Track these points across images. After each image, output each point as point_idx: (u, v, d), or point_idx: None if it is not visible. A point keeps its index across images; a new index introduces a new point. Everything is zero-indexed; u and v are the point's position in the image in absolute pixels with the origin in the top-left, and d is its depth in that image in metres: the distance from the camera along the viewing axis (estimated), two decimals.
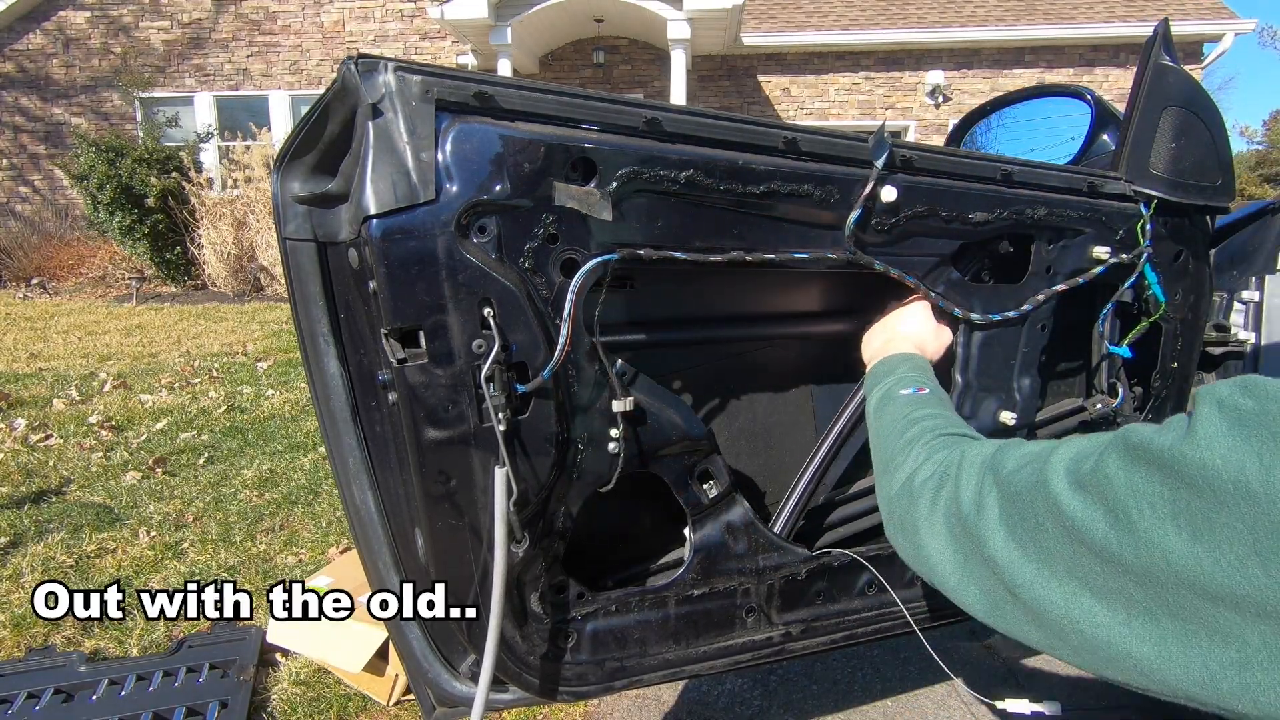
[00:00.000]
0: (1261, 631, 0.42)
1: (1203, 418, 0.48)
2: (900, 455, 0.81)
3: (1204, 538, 0.45)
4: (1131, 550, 0.49)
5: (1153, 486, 0.49)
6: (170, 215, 8.83)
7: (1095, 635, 0.52)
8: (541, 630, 1.07)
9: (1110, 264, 1.19)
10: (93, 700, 1.78)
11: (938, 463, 0.75)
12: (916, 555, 0.73)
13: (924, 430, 0.82)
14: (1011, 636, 0.61)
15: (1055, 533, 0.56)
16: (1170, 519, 0.47)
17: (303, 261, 1.04)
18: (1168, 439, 0.49)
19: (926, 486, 0.74)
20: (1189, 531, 0.46)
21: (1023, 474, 0.62)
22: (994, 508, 0.63)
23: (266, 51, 11.53)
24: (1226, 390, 0.48)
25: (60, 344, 6.11)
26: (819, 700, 1.90)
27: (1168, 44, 1.19)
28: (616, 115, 0.92)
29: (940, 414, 0.88)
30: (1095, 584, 0.52)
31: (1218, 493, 0.44)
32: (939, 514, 0.70)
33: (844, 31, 10.90)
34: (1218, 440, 0.46)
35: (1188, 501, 0.46)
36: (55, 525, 2.73)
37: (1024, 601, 0.58)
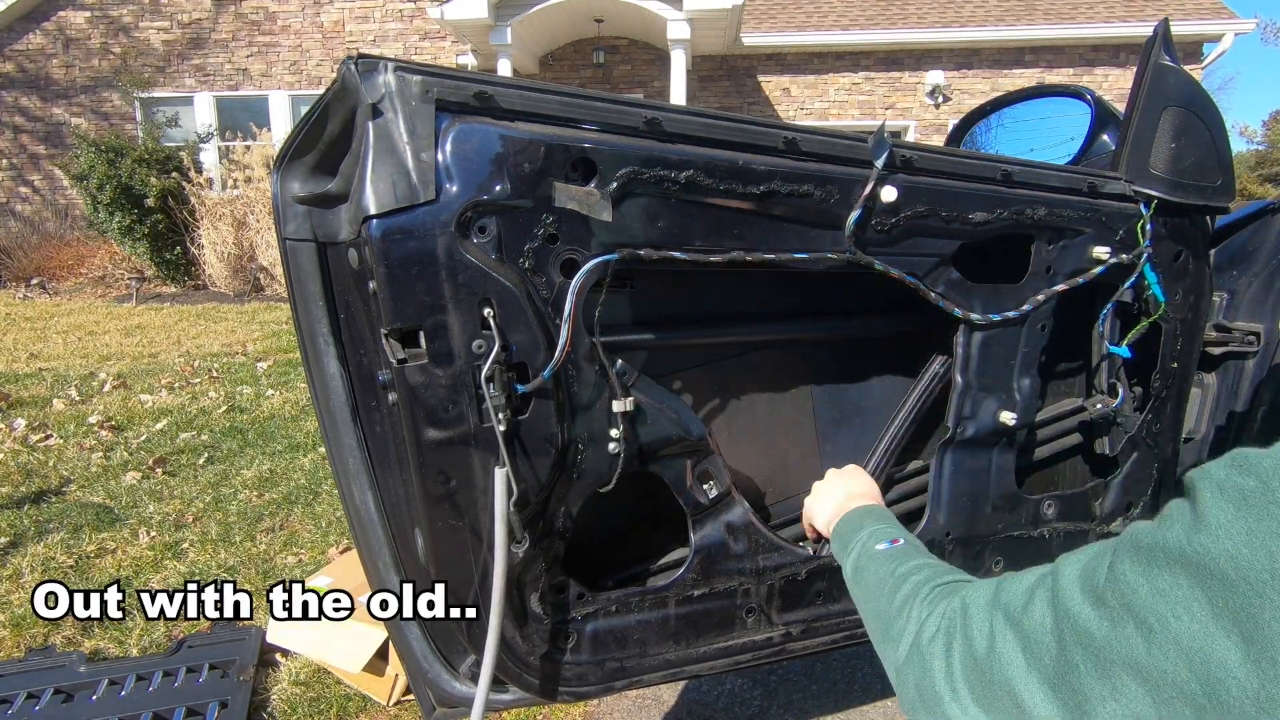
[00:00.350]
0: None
1: (1208, 505, 0.45)
2: (899, 618, 0.75)
3: (1255, 637, 0.41)
4: (1176, 663, 0.44)
5: (1181, 589, 0.45)
6: (170, 215, 8.83)
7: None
8: (541, 630, 1.06)
9: (1110, 264, 1.19)
10: (93, 700, 1.78)
11: (941, 614, 0.69)
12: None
13: (917, 585, 0.76)
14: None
15: (1088, 667, 0.50)
16: (1214, 621, 0.43)
17: (303, 261, 1.04)
18: (1178, 534, 0.46)
19: (936, 643, 0.67)
20: (1238, 633, 0.42)
21: (1036, 608, 0.56)
22: (1015, 653, 0.57)
23: (266, 51, 11.53)
24: (1222, 472, 0.46)
25: (60, 344, 6.11)
26: (819, 700, 1.90)
27: (1168, 44, 1.19)
28: (616, 115, 0.92)
29: (925, 563, 0.83)
30: (1145, 712, 0.47)
31: (1253, 584, 0.41)
32: (957, 672, 0.62)
33: (844, 31, 10.90)
34: (1234, 526, 0.43)
35: (1225, 599, 0.42)
36: (55, 525, 2.73)
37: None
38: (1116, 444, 1.33)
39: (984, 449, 1.24)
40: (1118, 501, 1.35)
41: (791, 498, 1.32)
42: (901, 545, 0.90)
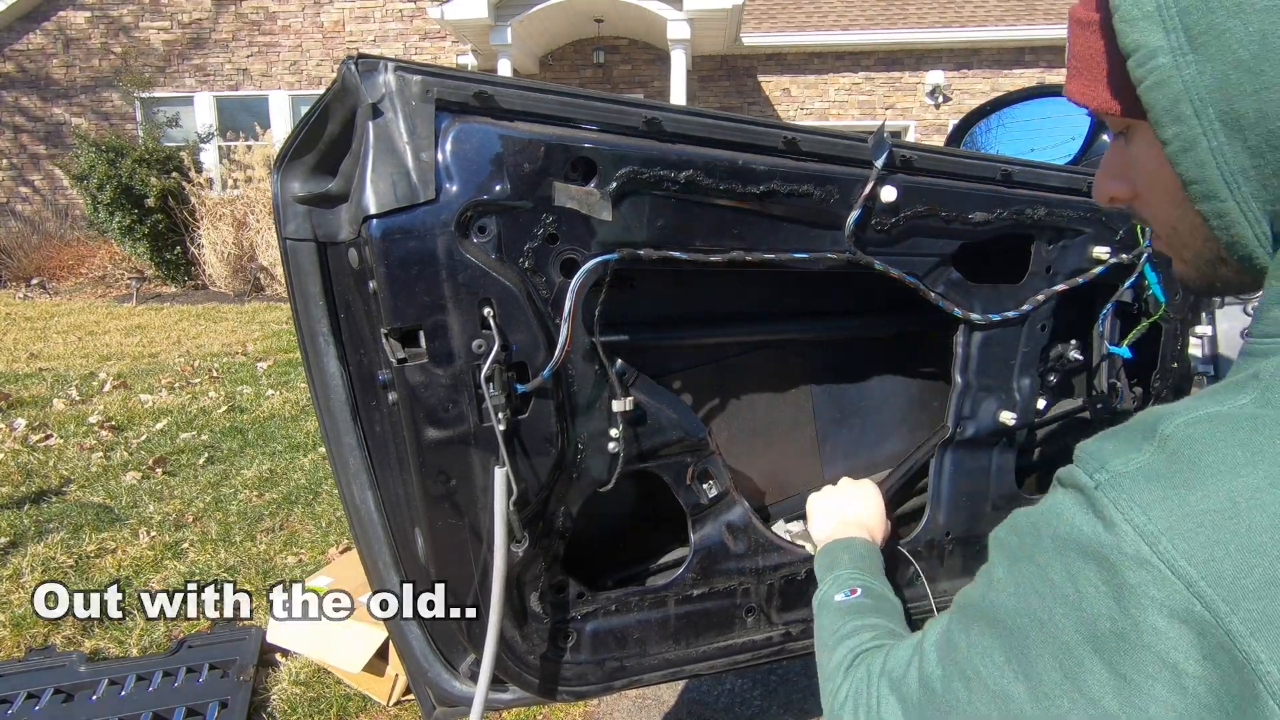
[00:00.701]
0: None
1: (993, 562, 0.51)
2: (830, 680, 0.79)
3: (1030, 674, 0.46)
4: (989, 707, 0.49)
5: (985, 640, 0.50)
6: (170, 215, 8.84)
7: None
8: (541, 630, 1.07)
9: (1110, 264, 1.19)
10: (93, 700, 1.78)
11: (852, 682, 0.74)
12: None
13: (849, 651, 0.81)
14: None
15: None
16: (1007, 665, 0.48)
17: (303, 261, 1.04)
18: (981, 591, 0.52)
19: (844, 711, 0.72)
20: (1021, 673, 0.47)
21: (910, 671, 0.60)
22: (898, 716, 0.61)
23: (266, 51, 11.54)
24: (1002, 531, 0.53)
25: (60, 344, 6.11)
26: (818, 699, 1.90)
27: None
28: (616, 115, 0.92)
29: (865, 625, 0.86)
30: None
31: (1022, 629, 0.47)
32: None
33: (844, 31, 10.90)
34: (1006, 581, 0.49)
35: (1010, 644, 0.48)
36: (55, 525, 2.74)
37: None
38: None
39: (984, 449, 1.24)
40: None
41: (791, 497, 1.32)
42: (857, 599, 0.92)
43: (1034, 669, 0.46)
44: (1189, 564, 0.39)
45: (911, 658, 0.62)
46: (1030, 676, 0.46)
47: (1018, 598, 0.48)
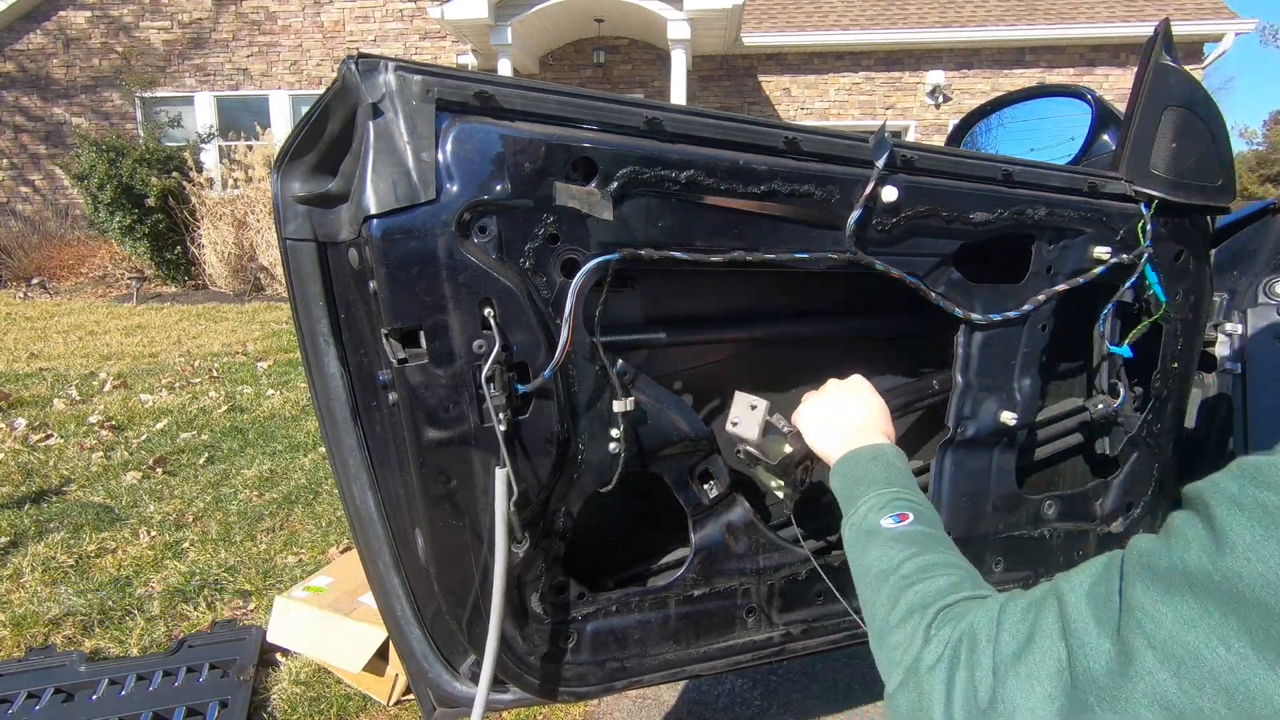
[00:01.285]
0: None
1: (1228, 523, 0.41)
2: (898, 631, 0.66)
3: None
4: (1214, 701, 0.41)
5: (1212, 618, 0.41)
6: (170, 215, 8.84)
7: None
8: (542, 630, 1.06)
9: (1111, 264, 1.19)
10: (93, 700, 1.78)
11: (944, 642, 0.61)
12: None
13: (922, 599, 0.66)
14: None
15: (1105, 709, 0.45)
16: (1255, 653, 0.39)
17: (303, 261, 1.04)
18: (1198, 556, 0.43)
19: (936, 675, 0.59)
20: (1274, 666, 0.39)
21: (1042, 644, 0.51)
22: (1022, 697, 0.51)
23: (267, 51, 11.53)
24: (1235, 486, 0.43)
25: (60, 344, 6.11)
26: (819, 700, 1.90)
27: (1168, 44, 1.19)
28: (617, 115, 0.92)
29: (935, 563, 0.71)
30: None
31: (1269, 610, 0.39)
32: (958, 713, 0.55)
33: (844, 31, 10.90)
34: (1263, 547, 0.40)
35: (1267, 629, 0.39)
36: (55, 525, 2.74)
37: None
38: (1117, 444, 1.33)
39: (984, 449, 1.24)
40: (1118, 502, 1.35)
41: None
42: (910, 526, 0.76)
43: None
44: None
45: (1039, 624, 0.52)
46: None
47: (1274, 569, 0.39)
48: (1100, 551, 1.35)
